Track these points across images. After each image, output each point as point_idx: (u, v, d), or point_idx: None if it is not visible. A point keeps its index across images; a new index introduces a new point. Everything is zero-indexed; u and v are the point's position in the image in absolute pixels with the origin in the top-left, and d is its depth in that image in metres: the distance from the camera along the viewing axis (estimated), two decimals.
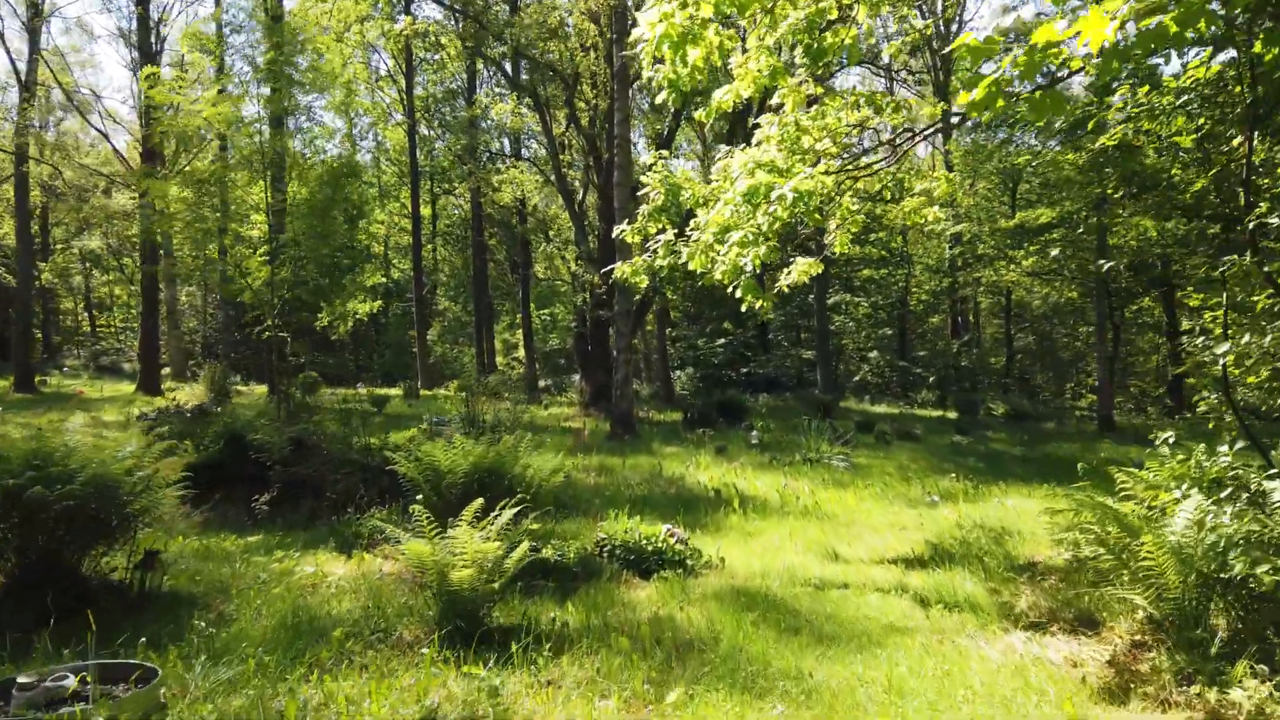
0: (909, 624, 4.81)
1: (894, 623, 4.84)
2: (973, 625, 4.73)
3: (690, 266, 6.43)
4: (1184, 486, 4.58)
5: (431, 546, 4.33)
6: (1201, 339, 6.28)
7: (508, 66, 24.75)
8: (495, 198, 27.56)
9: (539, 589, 5.30)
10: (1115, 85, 5.47)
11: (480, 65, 28.76)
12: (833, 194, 6.37)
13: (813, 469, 11.40)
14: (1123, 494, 5.22)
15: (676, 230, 6.85)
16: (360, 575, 5.86)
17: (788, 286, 7.36)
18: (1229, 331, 5.35)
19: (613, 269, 6.98)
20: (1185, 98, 4.97)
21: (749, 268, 6.22)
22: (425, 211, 41.30)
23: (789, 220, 5.87)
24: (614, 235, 7.81)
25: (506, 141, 31.56)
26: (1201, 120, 5.23)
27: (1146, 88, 5.24)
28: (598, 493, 9.64)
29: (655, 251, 6.79)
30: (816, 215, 5.73)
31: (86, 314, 47.53)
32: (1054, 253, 11.03)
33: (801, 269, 7.39)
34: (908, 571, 6.22)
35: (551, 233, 31.75)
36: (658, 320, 31.49)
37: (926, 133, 6.64)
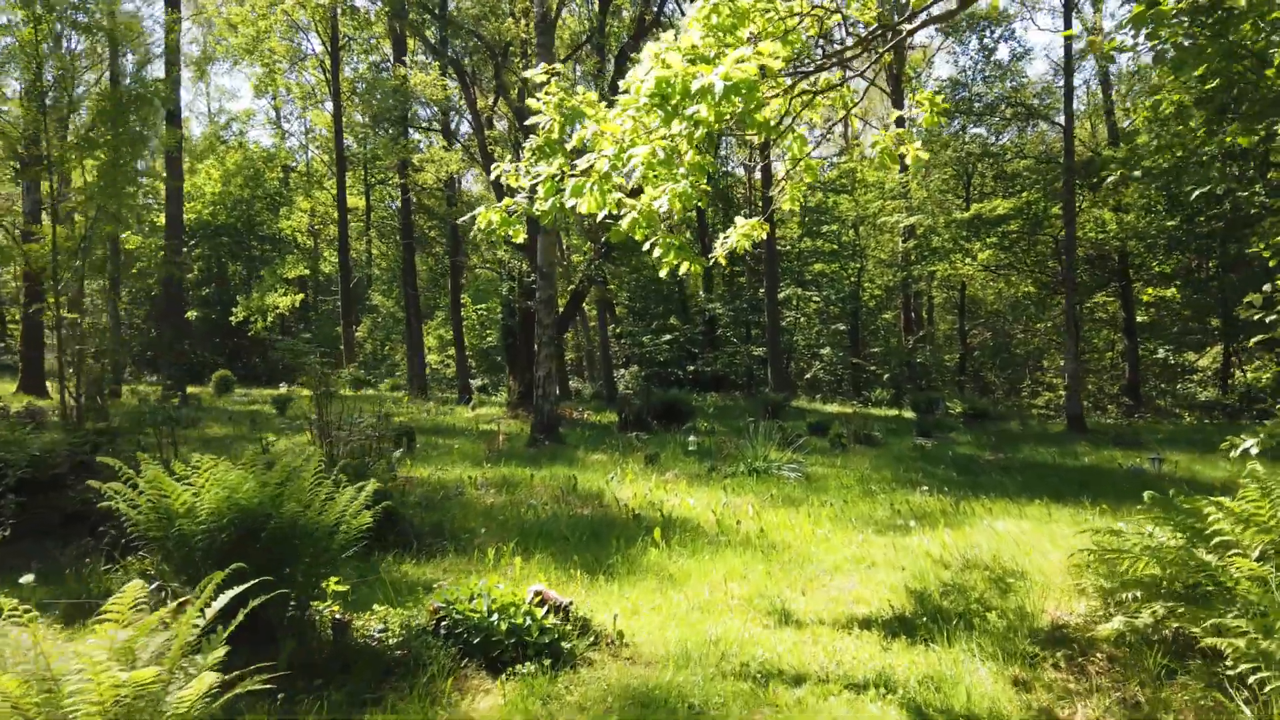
0: None
1: None
2: None
3: (581, 209, 4.48)
4: None
5: (27, 681, 2.29)
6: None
7: (429, 35, 22.50)
8: (418, 178, 25.25)
9: (311, 702, 3.28)
10: None
11: (411, 43, 26.40)
12: (781, 105, 4.50)
13: (759, 481, 9.56)
14: (1216, 539, 3.44)
15: (568, 164, 4.94)
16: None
17: (725, 258, 5.70)
18: None
19: (475, 215, 4.98)
20: None
21: (664, 209, 4.33)
22: (359, 202, 38.67)
23: (719, 129, 3.97)
24: (491, 177, 5.86)
25: (438, 127, 29.28)
26: None
27: None
28: (491, 517, 7.63)
29: (536, 190, 4.87)
30: (760, 119, 3.83)
31: None
32: (1111, 176, 9.20)
33: (743, 231, 5.66)
34: (887, 642, 4.38)
35: None
36: (600, 315, 29.43)
37: (912, 28, 4.81)
